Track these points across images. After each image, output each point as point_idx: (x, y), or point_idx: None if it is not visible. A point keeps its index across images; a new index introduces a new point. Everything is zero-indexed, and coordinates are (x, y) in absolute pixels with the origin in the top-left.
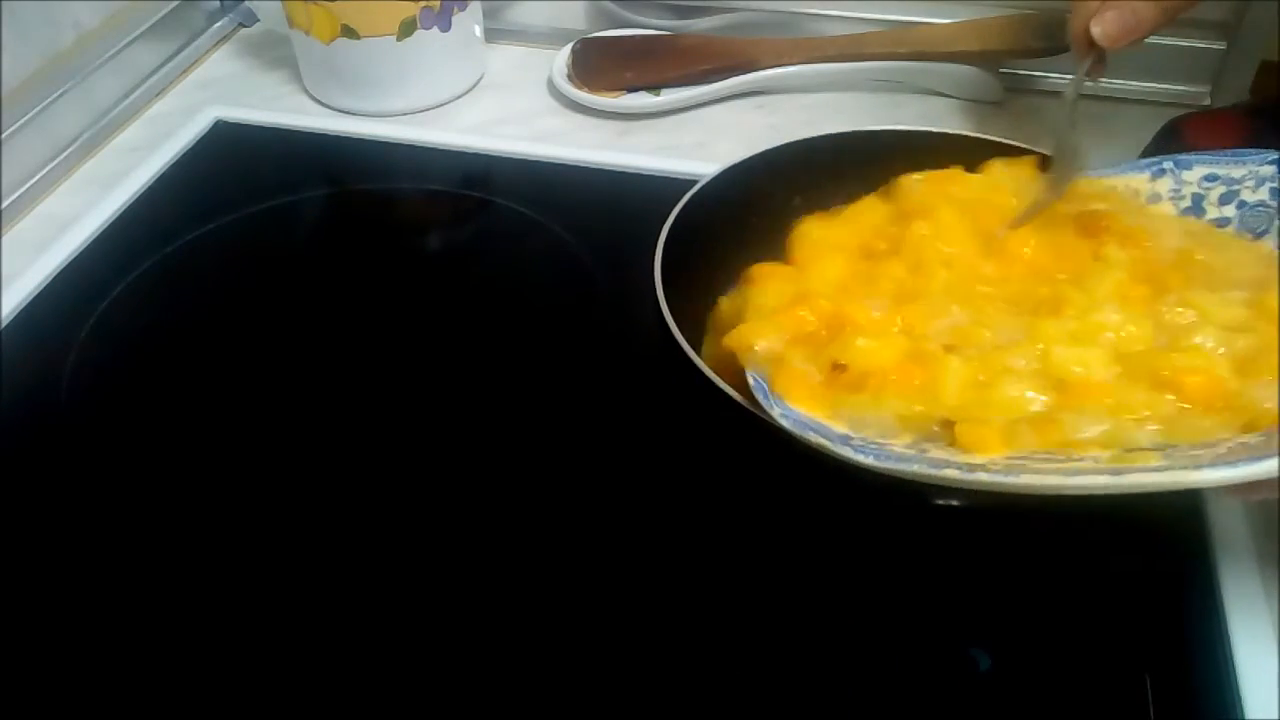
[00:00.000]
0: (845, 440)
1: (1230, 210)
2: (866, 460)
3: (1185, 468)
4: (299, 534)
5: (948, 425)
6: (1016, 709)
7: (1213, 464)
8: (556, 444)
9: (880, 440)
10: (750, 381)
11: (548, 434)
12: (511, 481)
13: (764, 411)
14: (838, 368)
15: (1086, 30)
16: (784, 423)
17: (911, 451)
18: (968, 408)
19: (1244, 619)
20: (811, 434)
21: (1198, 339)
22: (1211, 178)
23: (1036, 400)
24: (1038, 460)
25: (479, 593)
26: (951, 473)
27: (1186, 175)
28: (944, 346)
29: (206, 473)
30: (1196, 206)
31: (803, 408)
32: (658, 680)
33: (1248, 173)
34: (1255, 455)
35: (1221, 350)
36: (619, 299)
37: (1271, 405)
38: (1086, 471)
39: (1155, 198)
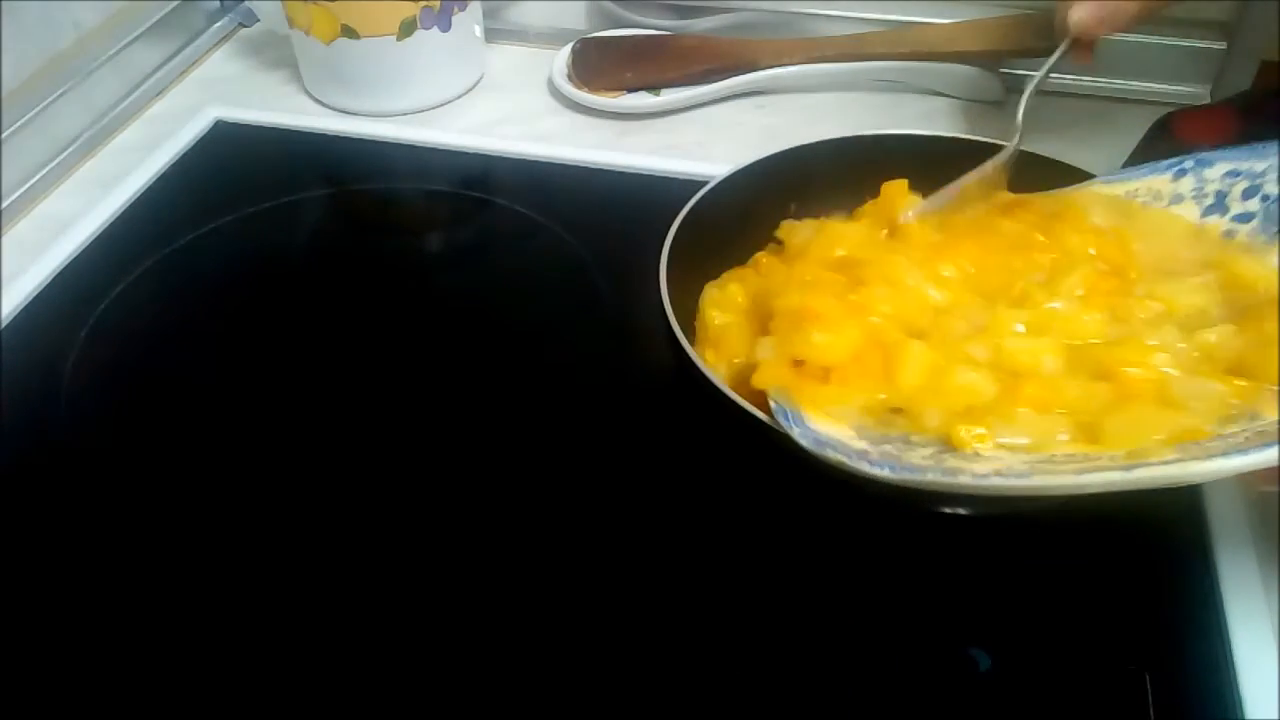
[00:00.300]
0: (862, 456)
1: (1254, 204)
2: (883, 474)
3: (1197, 458)
4: (300, 535)
5: (900, 413)
6: (1016, 709)
7: (1225, 453)
8: (556, 444)
9: (895, 454)
10: (772, 405)
11: (548, 435)
12: (511, 484)
13: (772, 415)
14: (798, 362)
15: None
16: (803, 442)
17: (928, 463)
18: (923, 395)
19: (1244, 619)
20: (829, 451)
21: (1153, 336)
22: (1234, 173)
23: (987, 389)
24: (1058, 461)
25: (476, 598)
26: (965, 480)
27: (1208, 173)
28: (914, 333)
29: (207, 473)
30: (1220, 204)
31: (815, 418)
32: (657, 680)
33: (1269, 166)
34: (1268, 441)
35: (1181, 347)
36: (619, 298)
37: (1203, 413)
38: (1098, 469)
39: (1178, 198)
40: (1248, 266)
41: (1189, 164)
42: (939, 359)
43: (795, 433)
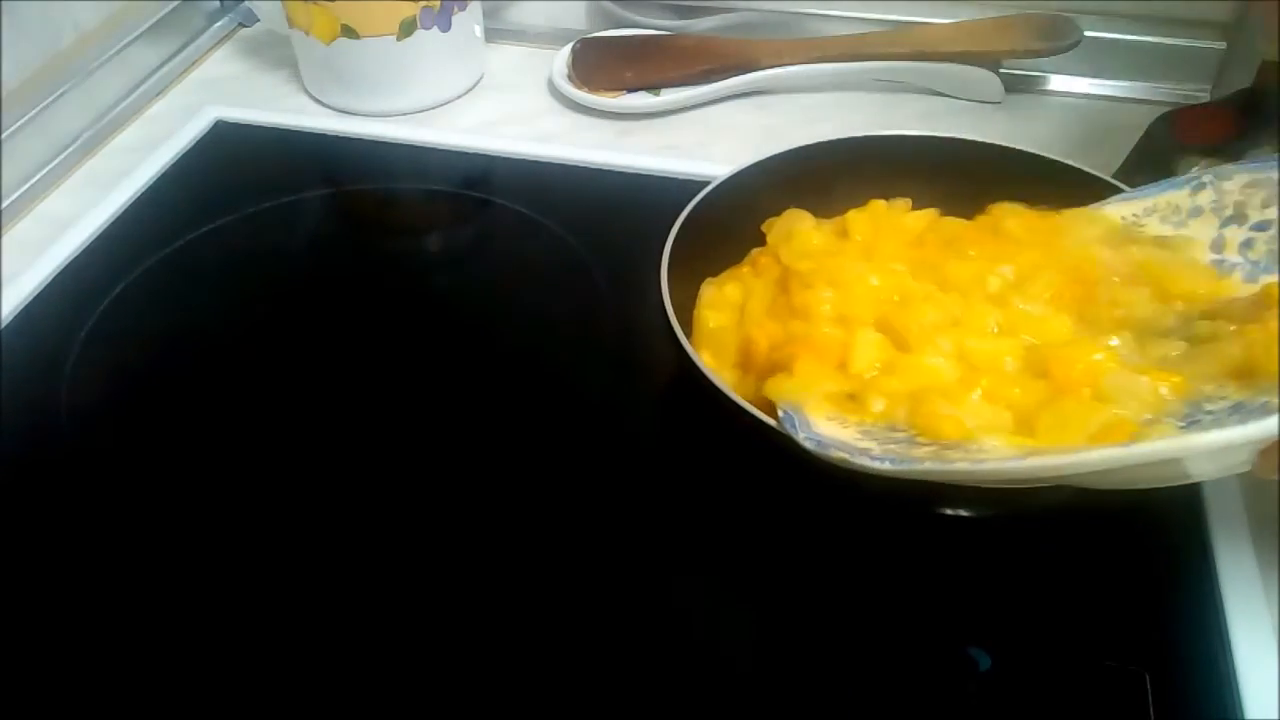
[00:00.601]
0: (864, 453)
1: (1273, 213)
2: (884, 467)
3: (1195, 431)
4: (300, 535)
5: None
6: (1016, 709)
7: (1227, 426)
8: (556, 445)
9: (899, 451)
10: (780, 412)
11: (548, 435)
12: (511, 484)
13: (772, 416)
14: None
15: None
16: (807, 445)
17: (928, 456)
18: (876, 380)
19: (1244, 619)
20: (833, 450)
21: (1115, 338)
22: (1252, 184)
23: (948, 373)
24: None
25: (474, 598)
26: (961, 465)
27: (1227, 185)
28: (874, 326)
29: (207, 474)
30: (1239, 215)
31: (820, 423)
32: (658, 681)
33: None
34: (1269, 413)
35: (1137, 360)
36: (619, 298)
37: (1134, 407)
38: (1095, 447)
39: (1196, 211)
40: (1186, 285)
41: (1206, 178)
42: (895, 345)
43: (800, 437)
